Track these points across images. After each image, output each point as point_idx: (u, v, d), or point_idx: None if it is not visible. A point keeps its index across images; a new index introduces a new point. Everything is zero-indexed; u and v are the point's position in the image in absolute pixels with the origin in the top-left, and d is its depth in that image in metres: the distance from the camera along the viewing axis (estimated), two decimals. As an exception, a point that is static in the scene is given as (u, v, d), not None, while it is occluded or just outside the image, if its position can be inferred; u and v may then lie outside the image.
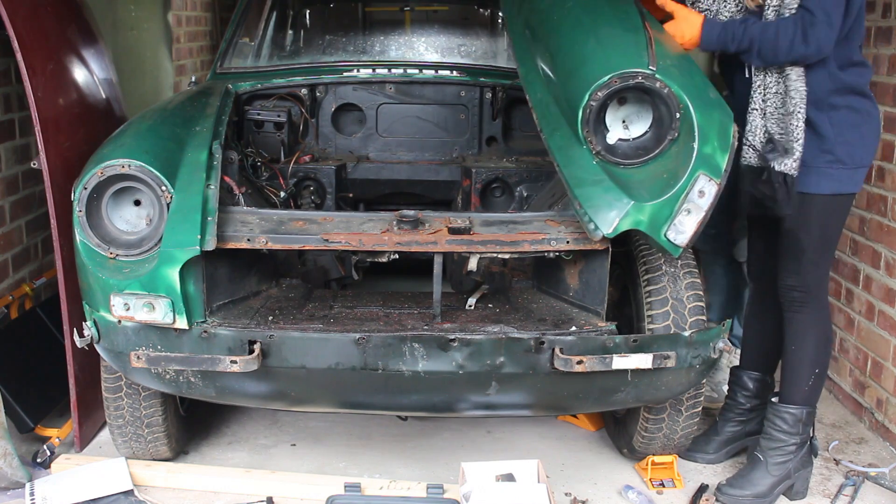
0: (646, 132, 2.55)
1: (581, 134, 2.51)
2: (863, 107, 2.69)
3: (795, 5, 2.59)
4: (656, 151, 2.51)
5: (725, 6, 2.75)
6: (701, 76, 2.61)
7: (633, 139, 2.55)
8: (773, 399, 2.90)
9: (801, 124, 2.59)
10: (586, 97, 2.48)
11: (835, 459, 3.25)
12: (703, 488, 2.96)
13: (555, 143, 2.59)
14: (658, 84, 2.46)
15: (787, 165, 2.61)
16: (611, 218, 2.40)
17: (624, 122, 2.56)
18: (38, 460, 3.06)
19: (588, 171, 2.50)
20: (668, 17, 2.80)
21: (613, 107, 2.54)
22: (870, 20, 3.47)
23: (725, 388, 3.27)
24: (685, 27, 2.72)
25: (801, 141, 2.60)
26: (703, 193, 2.42)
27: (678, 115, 2.47)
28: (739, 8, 2.73)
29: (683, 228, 2.43)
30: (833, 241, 2.82)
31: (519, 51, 2.98)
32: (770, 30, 2.61)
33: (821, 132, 2.65)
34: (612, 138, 2.55)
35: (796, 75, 2.61)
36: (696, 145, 2.44)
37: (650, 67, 2.46)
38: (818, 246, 2.77)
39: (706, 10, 2.78)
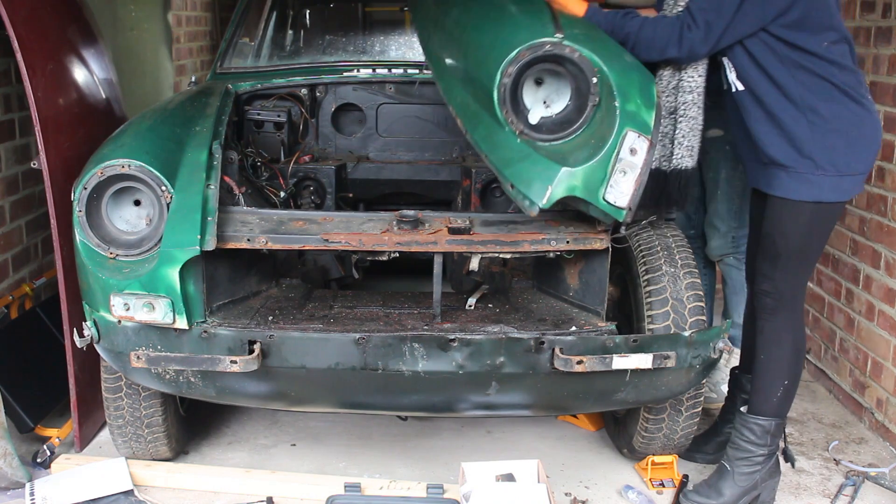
0: (567, 105, 2.47)
1: (501, 116, 2.44)
2: (849, 113, 2.57)
3: (683, 4, 2.60)
4: (580, 120, 2.44)
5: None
6: (613, 42, 2.56)
7: (556, 115, 2.48)
8: (741, 409, 2.84)
9: (687, 123, 2.63)
10: (498, 76, 2.41)
11: (835, 459, 3.25)
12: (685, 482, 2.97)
13: (478, 135, 2.53)
14: (567, 50, 2.39)
15: (676, 162, 2.64)
16: (543, 188, 2.33)
17: (545, 102, 2.50)
18: (38, 460, 3.06)
19: (514, 150, 2.43)
20: None
21: (531, 88, 2.47)
22: (870, 20, 3.47)
23: (725, 388, 3.27)
24: (572, 8, 2.71)
25: (687, 137, 2.65)
26: (636, 151, 2.35)
27: (595, 80, 2.40)
28: None
29: (621, 189, 2.36)
30: (813, 250, 2.71)
31: (437, 70, 2.92)
32: (648, 29, 2.60)
33: (799, 136, 2.57)
34: (534, 118, 2.48)
35: (693, 72, 2.63)
36: (617, 104, 2.37)
37: (556, 35, 2.40)
38: (795, 254, 2.67)
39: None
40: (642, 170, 2.35)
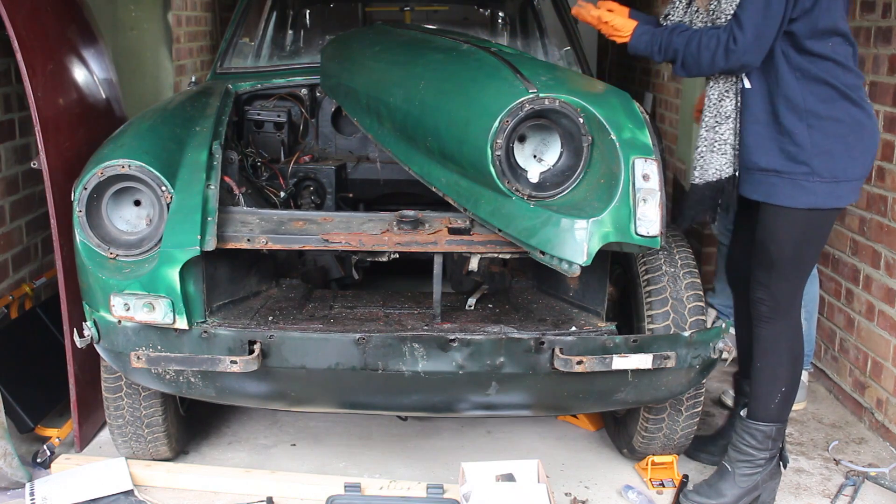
0: (561, 153, 2.42)
1: (504, 188, 2.36)
2: (849, 117, 2.54)
3: (731, 12, 2.53)
4: (581, 164, 2.38)
5: (698, 16, 2.68)
6: (578, 75, 2.51)
7: (554, 166, 2.42)
8: (741, 413, 2.83)
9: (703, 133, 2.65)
10: (489, 152, 2.32)
11: (835, 459, 3.25)
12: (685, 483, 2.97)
13: (484, 212, 2.44)
14: (547, 101, 2.32)
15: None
16: (579, 247, 2.25)
17: (535, 156, 2.44)
18: (38, 460, 3.06)
19: (531, 218, 2.34)
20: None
21: (517, 148, 2.41)
22: (870, 20, 3.47)
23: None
24: (620, 27, 2.71)
25: (699, 150, 2.67)
26: (648, 176, 2.30)
27: (581, 120, 2.35)
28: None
29: (649, 218, 2.30)
30: (808, 257, 2.68)
31: (401, 154, 2.85)
32: (693, 43, 2.56)
33: (797, 141, 2.53)
34: (534, 176, 2.41)
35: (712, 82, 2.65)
36: (613, 136, 2.32)
37: (530, 91, 2.33)
38: (789, 261, 2.64)
39: (679, 20, 2.74)
40: (661, 191, 2.31)
